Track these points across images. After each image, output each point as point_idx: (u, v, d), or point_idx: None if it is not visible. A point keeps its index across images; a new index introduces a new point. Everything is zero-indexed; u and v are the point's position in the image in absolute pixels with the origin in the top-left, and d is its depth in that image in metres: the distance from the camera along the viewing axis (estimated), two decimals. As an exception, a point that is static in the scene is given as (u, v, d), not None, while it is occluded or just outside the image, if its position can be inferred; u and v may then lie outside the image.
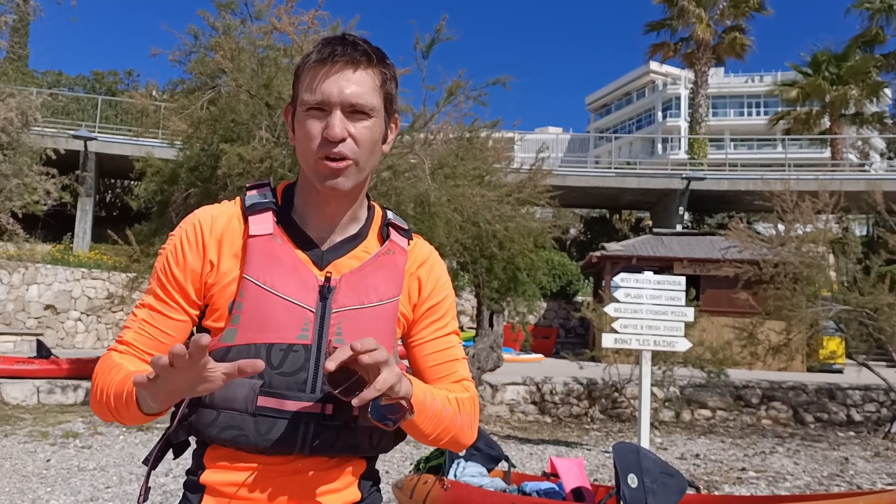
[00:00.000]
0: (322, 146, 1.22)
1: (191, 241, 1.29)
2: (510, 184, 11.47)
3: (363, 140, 1.24)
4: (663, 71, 53.73)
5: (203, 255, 1.28)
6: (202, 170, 9.46)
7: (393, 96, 1.31)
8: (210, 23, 10.14)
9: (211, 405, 1.22)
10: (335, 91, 1.22)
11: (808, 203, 11.22)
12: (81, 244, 21.49)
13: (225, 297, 1.26)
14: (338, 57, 1.23)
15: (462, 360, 1.41)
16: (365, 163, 1.26)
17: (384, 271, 1.32)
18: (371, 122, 1.25)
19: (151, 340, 1.28)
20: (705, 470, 7.74)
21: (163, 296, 1.29)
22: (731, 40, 29.56)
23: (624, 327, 8.00)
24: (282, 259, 1.26)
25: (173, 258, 1.29)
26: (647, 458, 3.87)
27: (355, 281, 1.28)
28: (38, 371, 10.85)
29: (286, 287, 1.24)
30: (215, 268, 1.27)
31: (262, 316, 1.23)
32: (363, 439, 1.26)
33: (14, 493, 5.64)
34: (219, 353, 1.21)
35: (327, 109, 1.22)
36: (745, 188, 22.66)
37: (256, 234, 1.27)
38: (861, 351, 11.33)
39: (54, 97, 24.73)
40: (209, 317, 1.28)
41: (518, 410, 11.58)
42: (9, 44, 17.03)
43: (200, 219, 1.31)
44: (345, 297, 1.27)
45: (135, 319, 1.30)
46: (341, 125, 1.21)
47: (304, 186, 1.32)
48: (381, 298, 1.30)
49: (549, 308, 22.37)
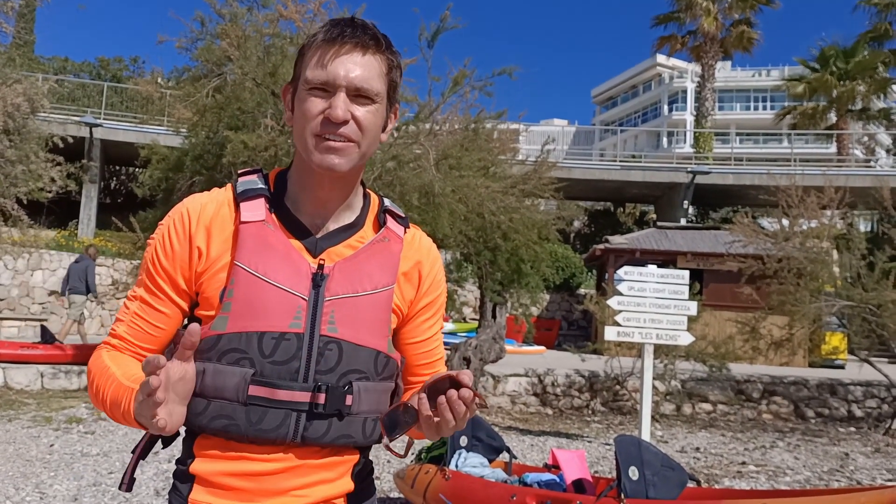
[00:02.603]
0: (323, 125, 1.20)
1: (179, 231, 1.26)
2: (515, 175, 11.45)
3: (365, 124, 1.22)
4: (670, 64, 53.49)
5: (191, 244, 1.25)
6: (207, 158, 9.45)
7: (397, 85, 1.29)
8: (217, 10, 10.11)
9: (201, 394, 1.20)
10: (342, 72, 1.20)
11: (813, 198, 11.18)
12: (86, 230, 21.54)
13: (215, 285, 1.23)
14: (347, 38, 1.21)
15: (443, 358, 1.44)
16: (365, 148, 1.24)
17: (378, 258, 1.29)
18: (374, 108, 1.23)
19: (143, 333, 1.28)
20: (706, 463, 7.76)
21: (153, 288, 1.27)
22: (738, 34, 29.40)
23: (627, 320, 8.00)
24: (274, 246, 1.23)
25: (161, 249, 1.27)
26: (648, 450, 3.89)
27: (349, 268, 1.26)
28: (42, 356, 10.90)
29: (278, 274, 1.22)
30: (205, 256, 1.25)
31: (254, 303, 1.20)
32: (356, 430, 1.25)
33: (18, 478, 5.68)
34: (210, 342, 1.20)
35: (331, 90, 1.20)
36: (750, 183, 22.62)
37: (248, 220, 1.24)
38: (863, 347, 11.33)
39: (60, 83, 24.71)
40: (201, 306, 1.26)
41: (520, 402, 11.61)
42: (15, 29, 16.99)
43: (189, 207, 1.28)
44: (338, 285, 1.24)
45: (127, 312, 1.29)
46: (344, 107, 1.19)
47: (298, 170, 1.30)
48: (375, 286, 1.27)
49: (552, 300, 22.38)
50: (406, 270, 1.33)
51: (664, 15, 30.63)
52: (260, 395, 1.19)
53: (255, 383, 1.19)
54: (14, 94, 11.07)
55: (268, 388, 1.19)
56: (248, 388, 1.19)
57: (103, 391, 1.22)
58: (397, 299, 1.32)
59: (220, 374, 1.18)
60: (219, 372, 1.19)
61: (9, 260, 15.37)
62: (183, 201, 1.31)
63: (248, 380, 1.19)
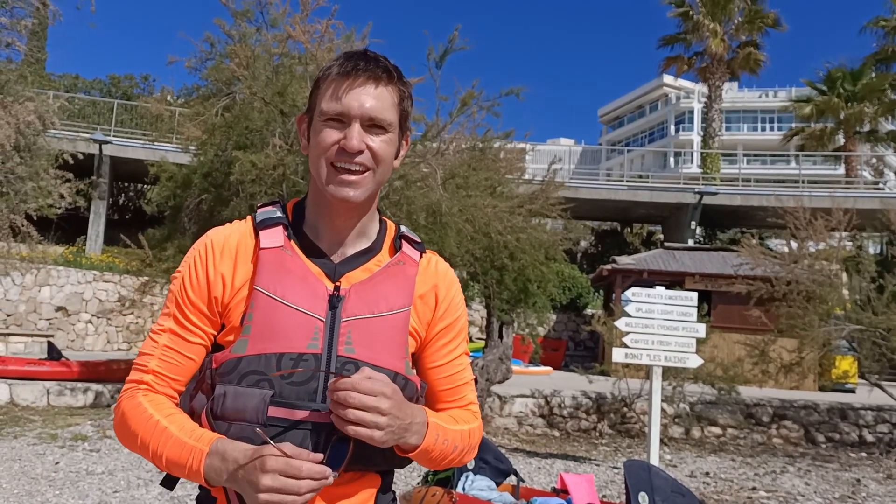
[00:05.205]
0: (338, 154, 1.25)
1: (204, 262, 1.30)
2: (522, 195, 11.45)
3: (379, 153, 1.27)
4: (676, 84, 53.69)
5: (217, 274, 1.29)
6: (215, 176, 9.49)
7: (408, 114, 1.34)
8: (226, 31, 10.19)
9: (222, 417, 1.21)
10: (356, 104, 1.25)
11: (821, 220, 11.13)
12: (94, 247, 21.63)
13: (238, 312, 1.27)
14: (360, 71, 1.26)
15: (469, 382, 1.43)
16: (379, 176, 1.29)
17: (394, 281, 1.32)
18: (387, 137, 1.29)
19: (176, 366, 1.29)
20: (715, 489, 7.66)
21: (182, 320, 1.30)
22: (745, 55, 29.49)
23: (635, 342, 7.95)
24: (291, 269, 1.27)
25: (188, 281, 1.30)
26: (658, 476, 3.84)
27: (365, 290, 1.29)
28: (48, 373, 10.89)
29: (296, 296, 1.25)
30: (230, 285, 1.28)
31: (272, 325, 1.23)
32: (375, 451, 1.24)
33: (23, 496, 5.65)
34: (230, 364, 1.23)
35: (346, 121, 1.25)
36: (758, 204, 22.55)
37: (267, 246, 1.28)
38: (874, 371, 11.20)
39: (71, 101, 24.92)
40: (224, 333, 1.29)
41: (526, 423, 11.52)
42: (27, 47, 17.18)
43: (213, 239, 1.33)
44: (354, 307, 1.27)
45: (156, 346, 1.30)
46: (359, 137, 1.25)
47: (314, 199, 1.34)
48: (390, 308, 1.30)
49: (559, 320, 22.30)
50: (422, 293, 1.36)
51: (671, 36, 30.78)
52: (279, 415, 1.21)
53: (274, 404, 1.21)
54: (26, 111, 11.15)
55: (286, 408, 1.21)
56: (268, 409, 1.20)
57: (154, 447, 1.21)
58: (414, 322, 1.33)
59: (240, 396, 1.21)
60: (239, 394, 1.21)
61: (17, 275, 15.42)
62: (206, 234, 1.35)
63: (268, 401, 1.21)
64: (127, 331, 17.20)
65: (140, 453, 1.25)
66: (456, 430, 1.33)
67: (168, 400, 1.28)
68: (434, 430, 1.27)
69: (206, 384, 1.26)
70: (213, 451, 1.16)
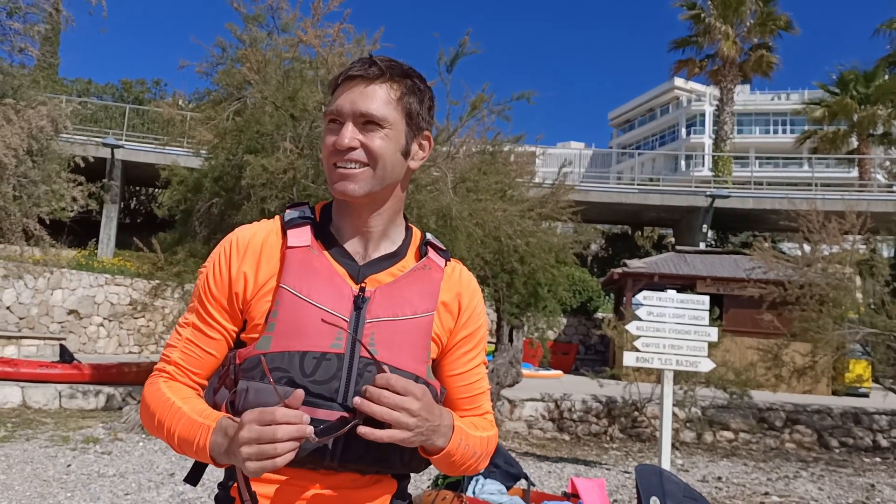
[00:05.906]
0: (333, 154, 1.28)
1: (228, 259, 1.33)
2: (532, 198, 11.44)
3: (375, 149, 1.27)
4: (688, 87, 53.53)
5: (239, 271, 1.31)
6: (226, 180, 9.52)
7: (415, 110, 1.32)
8: (237, 35, 10.24)
9: (244, 411, 1.21)
10: (347, 103, 1.28)
11: (834, 223, 11.05)
12: (106, 250, 21.75)
13: (262, 309, 1.28)
14: (354, 73, 1.29)
15: (486, 392, 1.45)
16: (381, 172, 1.28)
17: (419, 285, 1.33)
18: (384, 133, 1.28)
19: (197, 359, 1.33)
20: (728, 493, 7.60)
21: (205, 315, 1.32)
22: (757, 58, 29.37)
23: (646, 346, 7.89)
24: (318, 269, 1.28)
25: (213, 277, 1.33)
26: (670, 480, 3.81)
27: (390, 293, 1.30)
28: (60, 375, 10.94)
29: (321, 296, 1.26)
30: (254, 281, 1.30)
31: (297, 324, 1.24)
32: (393, 454, 1.25)
33: (35, 498, 5.67)
34: (253, 361, 1.24)
35: (342, 121, 1.28)
36: (770, 207, 22.41)
37: (294, 245, 1.30)
38: (888, 375, 11.09)
39: (83, 105, 25.12)
40: (247, 330, 1.30)
41: (536, 427, 11.47)
42: (40, 52, 17.33)
43: (239, 236, 1.35)
44: (378, 308, 1.27)
45: (179, 339, 1.34)
46: (350, 135, 1.26)
47: (335, 201, 1.38)
48: (415, 312, 1.30)
49: (569, 324, 22.24)
50: (446, 300, 1.37)
51: (682, 39, 30.70)
52: None
53: None
54: (38, 116, 11.24)
55: (308, 406, 1.20)
56: None
57: (169, 425, 1.25)
58: (437, 327, 1.34)
59: (261, 392, 1.21)
60: (260, 390, 1.21)
61: (29, 279, 15.52)
62: (234, 231, 1.38)
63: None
64: (138, 334, 17.27)
65: (157, 435, 1.28)
66: (476, 437, 1.34)
67: (187, 388, 1.32)
68: (458, 433, 1.28)
69: (229, 379, 1.27)
70: (218, 428, 1.18)
